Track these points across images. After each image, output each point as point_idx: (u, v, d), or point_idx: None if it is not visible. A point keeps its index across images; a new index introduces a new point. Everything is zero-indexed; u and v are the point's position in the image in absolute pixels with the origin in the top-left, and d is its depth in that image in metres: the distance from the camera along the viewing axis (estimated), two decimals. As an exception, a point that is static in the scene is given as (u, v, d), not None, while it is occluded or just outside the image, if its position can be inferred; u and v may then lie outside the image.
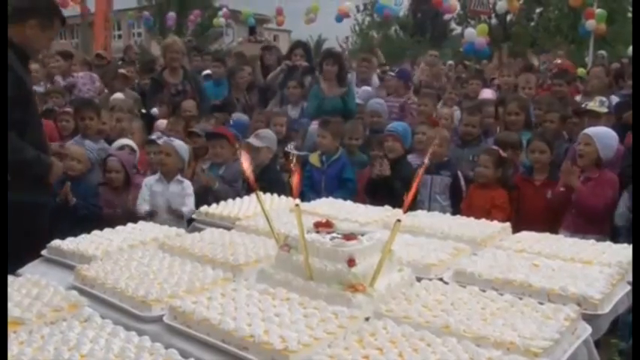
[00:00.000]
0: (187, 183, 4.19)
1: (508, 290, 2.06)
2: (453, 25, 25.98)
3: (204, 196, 4.16)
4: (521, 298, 1.96)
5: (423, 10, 29.37)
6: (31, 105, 3.26)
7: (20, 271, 2.41)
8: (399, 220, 2.00)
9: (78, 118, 4.88)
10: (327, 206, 3.35)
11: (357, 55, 10.14)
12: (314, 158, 4.77)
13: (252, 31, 30.60)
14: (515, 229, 2.92)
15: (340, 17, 15.35)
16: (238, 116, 5.95)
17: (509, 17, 21.61)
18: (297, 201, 2.12)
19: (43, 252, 2.59)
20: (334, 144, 4.74)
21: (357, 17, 28.37)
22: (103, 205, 4.15)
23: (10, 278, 2.18)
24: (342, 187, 4.53)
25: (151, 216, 3.91)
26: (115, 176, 4.22)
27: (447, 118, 5.44)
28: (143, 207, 4.02)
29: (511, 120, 4.97)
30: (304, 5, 17.41)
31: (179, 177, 4.18)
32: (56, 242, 2.60)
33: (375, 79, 7.20)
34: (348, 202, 3.49)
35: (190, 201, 4.04)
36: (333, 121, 4.87)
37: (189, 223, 3.46)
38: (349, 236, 2.15)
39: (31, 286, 2.02)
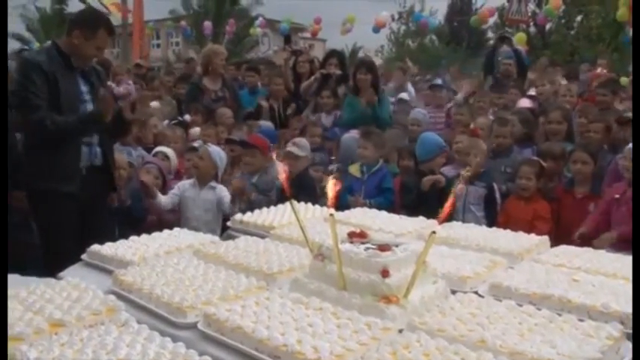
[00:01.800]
0: (221, 187, 4.25)
1: (546, 305, 2.02)
2: (489, 33, 25.70)
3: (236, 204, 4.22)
4: (560, 314, 1.92)
5: (459, 19, 29.17)
6: (65, 106, 3.44)
7: (61, 274, 2.48)
8: (434, 232, 1.99)
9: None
10: (362, 216, 3.35)
11: (392, 64, 10.14)
12: (354, 169, 4.77)
13: (287, 39, 30.83)
14: (554, 242, 2.86)
15: (377, 28, 15.39)
16: (265, 124, 6.01)
17: (548, 26, 21.26)
18: (332, 211, 2.13)
19: (83, 256, 2.66)
20: (376, 155, 4.75)
21: (393, 26, 28.32)
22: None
23: (52, 281, 2.25)
24: (380, 196, 4.54)
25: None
26: (154, 182, 4.31)
27: (483, 128, 5.38)
28: (163, 201, 4.12)
29: (553, 129, 4.88)
30: (339, 14, 17.47)
31: (212, 183, 4.24)
32: (95, 247, 2.67)
33: (410, 88, 7.19)
34: (383, 213, 3.48)
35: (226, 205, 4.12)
36: (375, 132, 4.88)
37: (223, 231, 3.50)
38: (383, 247, 2.14)
39: (72, 289, 2.07)
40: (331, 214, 2.09)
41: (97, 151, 3.67)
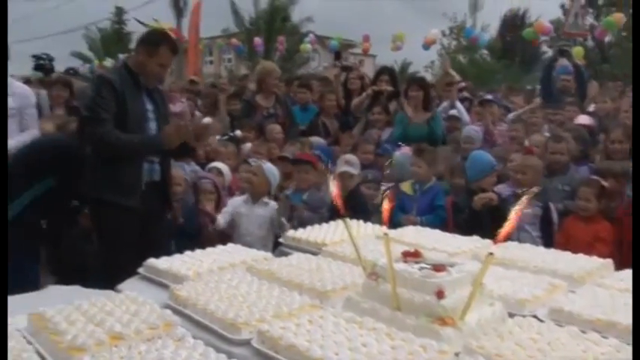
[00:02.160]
0: (273, 203, 4.30)
1: (612, 334, 1.92)
2: (544, 47, 25.18)
3: (289, 221, 4.26)
4: (629, 344, 1.84)
5: (513, 33, 28.73)
6: (131, 123, 3.58)
7: (120, 287, 2.55)
8: (491, 254, 1.94)
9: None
10: (414, 234, 3.31)
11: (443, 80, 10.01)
12: (406, 186, 4.74)
13: (337, 56, 31.06)
14: (617, 266, 2.75)
15: (427, 46, 15.31)
16: (317, 140, 6.04)
17: (607, 39, 20.67)
18: (386, 230, 2.11)
19: (140, 269, 2.73)
20: (429, 173, 4.71)
21: (443, 41, 28.18)
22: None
23: (112, 293, 2.32)
24: (432, 214, 4.49)
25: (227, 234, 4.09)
26: (208, 197, 4.40)
27: (538, 146, 5.26)
28: (220, 222, 4.18)
29: (614, 148, 4.72)
30: (389, 30, 17.50)
31: (265, 199, 4.29)
32: (152, 261, 2.73)
33: (459, 105, 7.09)
34: (436, 231, 3.43)
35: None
36: (428, 150, 4.85)
37: (276, 247, 3.53)
38: (438, 267, 2.11)
39: (130, 303, 2.13)
40: (386, 234, 2.08)
41: (157, 167, 3.80)
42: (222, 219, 4.25)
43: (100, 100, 3.59)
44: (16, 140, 4.71)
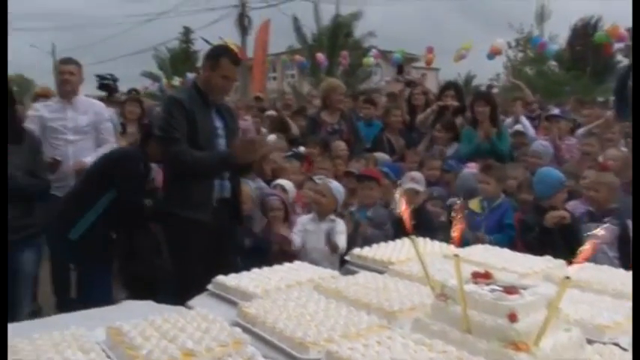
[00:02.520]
0: (339, 221, 4.31)
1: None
2: (619, 57, 24.14)
3: (354, 238, 4.25)
4: None
5: (583, 41, 27.75)
6: (201, 141, 3.69)
7: (191, 303, 2.62)
8: (568, 278, 1.87)
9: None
10: (483, 253, 3.23)
11: (509, 93, 9.79)
12: (474, 204, 4.65)
13: (399, 69, 30.93)
14: None
15: (492, 55, 14.91)
16: (382, 156, 6.01)
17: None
18: (457, 251, 2.08)
19: (209, 286, 2.79)
20: (498, 190, 4.61)
21: (509, 53, 27.55)
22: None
23: (183, 310, 2.38)
24: (501, 232, 4.38)
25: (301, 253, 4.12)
26: (276, 214, 4.47)
27: (616, 160, 5.03)
28: (297, 242, 4.22)
29: None
30: (452, 42, 17.28)
31: (331, 216, 4.31)
32: (221, 278, 2.79)
33: (524, 120, 6.90)
34: (505, 250, 3.34)
35: (342, 239, 4.14)
36: (496, 166, 4.74)
37: (342, 265, 3.53)
38: (510, 289, 2.05)
39: (201, 320, 2.18)
40: (456, 255, 2.04)
41: (227, 183, 3.90)
42: (298, 239, 4.29)
43: (172, 119, 3.73)
44: (93, 155, 4.94)
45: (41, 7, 60.70)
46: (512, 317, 1.93)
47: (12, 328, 2.20)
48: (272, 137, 6.60)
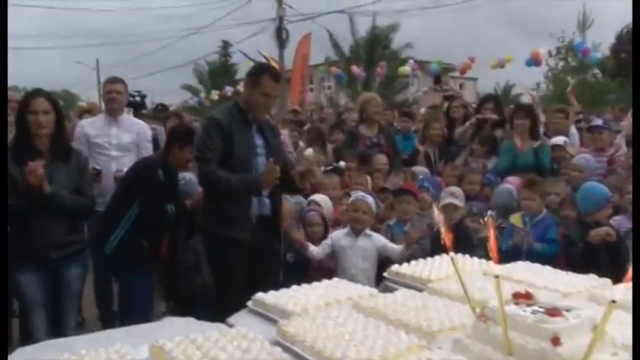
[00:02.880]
0: (376, 235, 4.31)
1: None
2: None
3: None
4: None
5: (628, 47, 27.01)
6: (237, 159, 3.74)
7: (231, 320, 2.65)
8: (614, 302, 1.83)
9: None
10: (524, 271, 3.17)
11: (551, 105, 9.61)
12: (516, 219, 4.59)
13: (437, 80, 30.72)
14: None
15: (531, 62, 14.59)
16: (421, 170, 5.97)
17: None
18: (497, 269, 2.06)
19: (249, 303, 2.82)
20: (541, 205, 4.54)
21: (550, 62, 27.02)
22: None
23: (224, 328, 2.42)
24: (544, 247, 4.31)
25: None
26: (316, 229, 4.50)
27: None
28: (314, 253, 4.23)
29: None
30: (491, 52, 17.05)
31: (367, 231, 4.31)
32: (260, 295, 2.81)
33: (573, 131, 6.76)
34: (547, 268, 3.27)
35: (394, 246, 4.16)
36: (538, 181, 4.67)
37: (380, 281, 3.52)
38: (553, 311, 2.01)
39: (241, 339, 2.20)
40: (497, 276, 2.02)
41: (267, 201, 3.93)
42: (320, 250, 4.29)
43: (208, 140, 3.79)
44: None
45: (86, 26, 62.82)
46: (556, 341, 1.90)
47: (59, 342, 2.28)
48: (309, 151, 6.63)
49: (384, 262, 4.09)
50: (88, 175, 4.10)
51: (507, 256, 3.77)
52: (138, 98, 8.95)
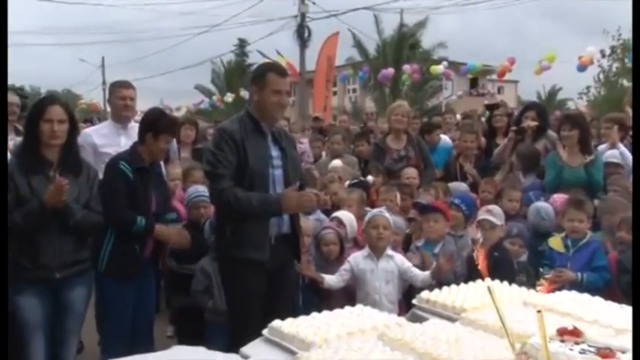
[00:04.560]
0: (398, 255, 4.28)
1: None
2: None
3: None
4: None
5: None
6: (252, 173, 3.75)
7: (244, 350, 2.66)
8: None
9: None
10: (570, 302, 3.13)
11: (601, 112, 9.43)
12: (556, 242, 4.52)
13: (473, 83, 30.44)
14: None
15: (582, 67, 14.43)
16: (456, 186, 5.92)
17: None
18: (539, 302, 2.04)
19: (265, 332, 2.83)
20: (588, 226, 4.48)
21: (602, 63, 26.57)
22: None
23: (238, 358, 2.42)
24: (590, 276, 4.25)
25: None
26: (331, 249, 4.48)
27: None
28: (331, 282, 4.20)
29: None
30: (534, 52, 16.90)
31: (389, 252, 4.28)
32: (277, 323, 2.81)
33: (622, 147, 6.64)
34: (597, 299, 3.22)
35: (416, 270, 4.14)
36: (586, 201, 4.60)
37: (409, 309, 3.50)
38: (605, 353, 1.98)
39: (256, 371, 2.22)
40: (539, 311, 1.99)
41: (285, 219, 3.92)
42: (338, 279, 4.24)
43: (220, 154, 3.78)
44: None
45: (90, 20, 63.51)
46: (607, 386, 1.88)
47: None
48: (336, 162, 6.59)
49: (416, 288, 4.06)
50: (97, 190, 4.06)
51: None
52: None
